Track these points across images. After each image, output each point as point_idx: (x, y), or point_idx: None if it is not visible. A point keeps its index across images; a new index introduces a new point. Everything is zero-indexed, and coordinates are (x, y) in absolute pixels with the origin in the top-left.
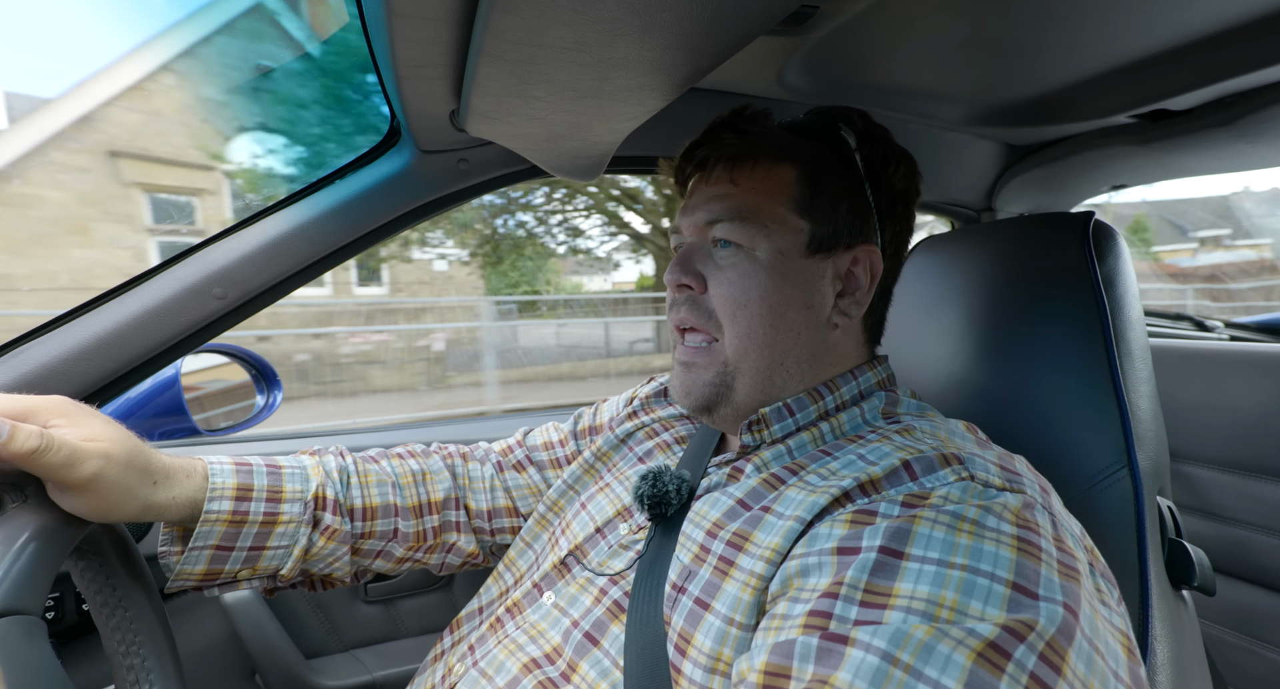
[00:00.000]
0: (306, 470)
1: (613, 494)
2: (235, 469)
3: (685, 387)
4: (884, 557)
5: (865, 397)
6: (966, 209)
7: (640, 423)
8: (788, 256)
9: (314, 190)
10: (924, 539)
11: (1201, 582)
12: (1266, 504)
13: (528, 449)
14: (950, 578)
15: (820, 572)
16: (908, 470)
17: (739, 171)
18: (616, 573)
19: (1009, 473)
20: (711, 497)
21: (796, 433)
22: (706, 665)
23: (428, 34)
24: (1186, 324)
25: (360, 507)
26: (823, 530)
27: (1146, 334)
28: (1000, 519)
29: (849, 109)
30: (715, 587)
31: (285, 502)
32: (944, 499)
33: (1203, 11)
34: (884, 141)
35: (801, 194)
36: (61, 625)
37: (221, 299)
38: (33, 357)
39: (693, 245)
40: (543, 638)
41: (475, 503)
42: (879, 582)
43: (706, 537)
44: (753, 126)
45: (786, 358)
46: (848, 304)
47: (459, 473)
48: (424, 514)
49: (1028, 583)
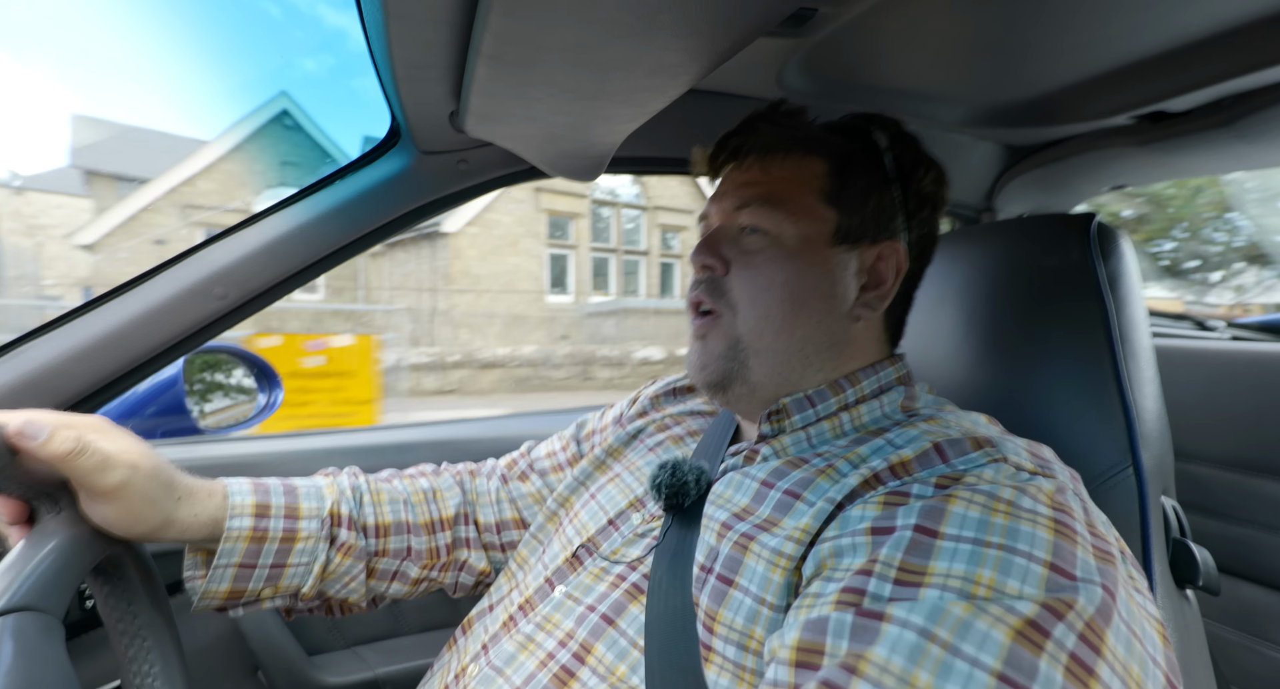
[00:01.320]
0: (321, 489)
1: (624, 484)
2: (253, 488)
3: (700, 360)
4: (919, 535)
5: (885, 391)
6: (966, 209)
7: (651, 419)
8: (814, 244)
9: (314, 191)
10: (959, 518)
11: (1206, 582)
12: (1269, 503)
13: (530, 459)
14: (987, 556)
15: (854, 552)
16: (939, 453)
17: (770, 161)
18: (633, 559)
19: (1039, 459)
20: (731, 478)
21: (817, 422)
22: (739, 642)
23: (427, 35)
24: (1188, 324)
25: (374, 524)
26: (855, 512)
27: (1151, 334)
28: (1035, 501)
29: (883, 115)
30: (737, 561)
31: (303, 518)
32: (978, 478)
33: (1202, 13)
34: (915, 147)
35: (831, 185)
36: (64, 622)
37: (222, 299)
38: (33, 357)
39: (720, 229)
40: (558, 629)
41: (483, 517)
42: (914, 559)
43: (732, 517)
44: (787, 119)
45: (806, 344)
46: (871, 298)
47: (468, 488)
48: (436, 531)
49: (1065, 564)
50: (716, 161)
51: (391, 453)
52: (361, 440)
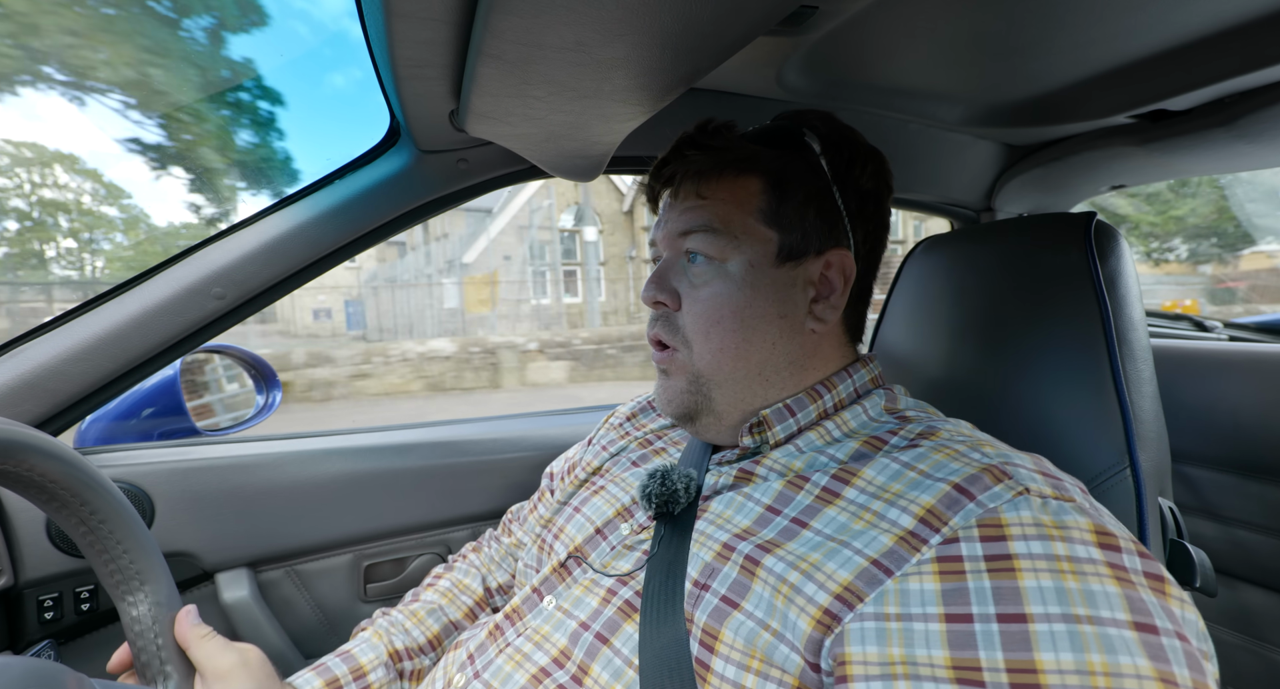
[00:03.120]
0: (369, 639)
1: (609, 496)
2: (316, 673)
3: (666, 394)
4: (1006, 626)
5: (863, 395)
6: (966, 209)
7: (633, 438)
8: (758, 268)
9: (314, 190)
10: (1036, 593)
11: (1203, 583)
12: (1266, 504)
13: (512, 515)
14: (1086, 636)
15: (929, 641)
16: (962, 493)
17: (705, 185)
18: (625, 573)
19: (1052, 478)
20: (729, 498)
21: (800, 433)
22: (740, 662)
23: (427, 34)
24: (1185, 324)
25: (426, 640)
26: (913, 587)
27: (1149, 334)
28: (1086, 545)
29: (812, 113)
30: (744, 587)
31: (370, 673)
32: (1020, 528)
33: (1202, 12)
34: (849, 143)
35: (768, 204)
36: (60, 625)
37: (221, 299)
38: (32, 356)
39: (667, 263)
40: (548, 642)
41: (502, 580)
42: (1017, 655)
43: (734, 539)
44: (716, 140)
45: (764, 368)
46: (822, 309)
47: (477, 564)
48: (478, 615)
49: (1142, 616)
50: (654, 190)
51: (391, 453)
52: (361, 441)
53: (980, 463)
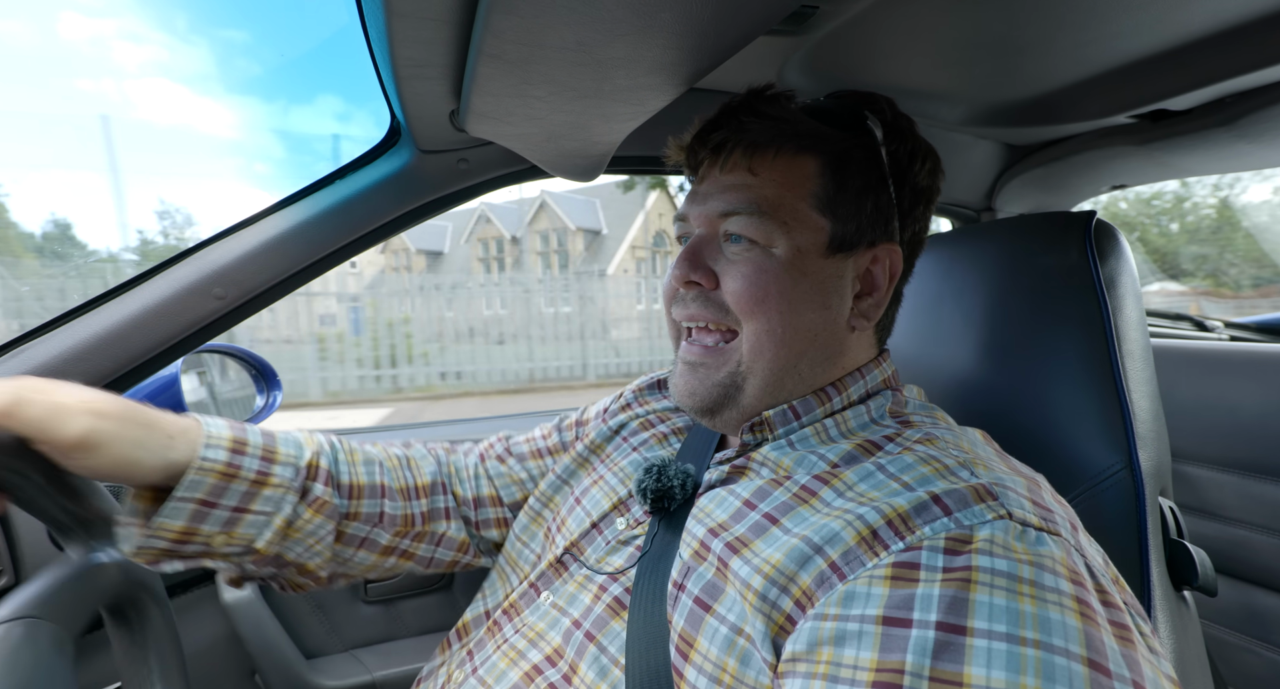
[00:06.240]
0: (300, 440)
1: (607, 487)
2: (229, 425)
3: (690, 388)
4: (944, 635)
5: (871, 395)
6: (966, 209)
7: (635, 414)
8: (806, 255)
9: (314, 190)
10: (985, 608)
11: (1203, 582)
12: (1266, 504)
13: (508, 444)
14: (1026, 659)
15: (860, 643)
16: (939, 504)
17: (758, 160)
18: (616, 570)
19: (1041, 508)
20: (716, 494)
21: (799, 430)
22: (712, 675)
23: (427, 34)
24: (1186, 324)
25: (348, 483)
26: (859, 589)
27: (1148, 334)
28: (1056, 575)
29: (876, 96)
30: (718, 588)
31: (279, 463)
32: (989, 544)
33: (1202, 12)
34: (912, 135)
35: (824, 189)
36: None
37: (221, 299)
38: (32, 356)
39: (702, 239)
40: (543, 640)
41: (461, 491)
42: (945, 666)
43: (708, 535)
44: (773, 109)
45: (800, 360)
46: (867, 306)
47: (443, 461)
48: (411, 497)
49: (1099, 657)
50: (696, 157)
51: None
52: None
53: (967, 482)
